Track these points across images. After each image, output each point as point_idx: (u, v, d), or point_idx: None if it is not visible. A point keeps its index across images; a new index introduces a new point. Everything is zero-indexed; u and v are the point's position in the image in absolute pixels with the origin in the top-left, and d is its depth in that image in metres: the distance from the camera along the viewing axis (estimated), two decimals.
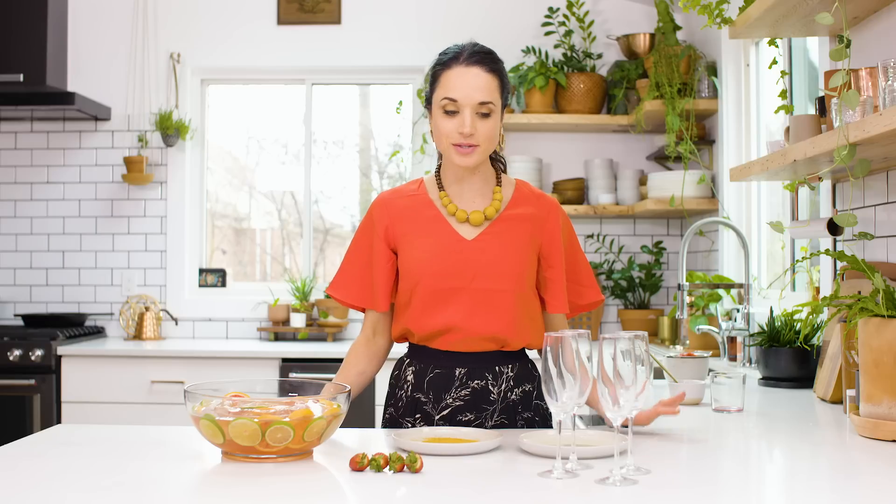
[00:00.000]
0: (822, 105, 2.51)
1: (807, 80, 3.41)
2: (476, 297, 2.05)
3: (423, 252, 2.07)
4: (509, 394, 2.10)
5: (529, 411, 2.12)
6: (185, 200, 4.76)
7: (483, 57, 2.02)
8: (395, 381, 2.19)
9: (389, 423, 2.17)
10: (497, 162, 2.17)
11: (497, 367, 2.10)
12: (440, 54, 2.07)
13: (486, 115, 2.01)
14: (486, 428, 2.07)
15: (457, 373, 2.09)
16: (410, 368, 2.14)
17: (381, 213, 2.14)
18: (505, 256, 2.06)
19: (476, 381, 2.08)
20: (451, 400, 2.08)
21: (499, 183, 2.14)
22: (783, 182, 2.97)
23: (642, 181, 4.48)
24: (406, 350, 2.20)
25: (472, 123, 1.99)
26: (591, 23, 4.60)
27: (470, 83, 1.99)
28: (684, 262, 3.43)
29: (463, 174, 2.10)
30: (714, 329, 3.48)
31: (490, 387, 2.08)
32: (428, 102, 2.09)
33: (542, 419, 2.13)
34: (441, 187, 2.13)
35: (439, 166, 2.16)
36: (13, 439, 1.98)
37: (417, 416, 2.11)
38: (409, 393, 2.13)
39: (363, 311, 2.20)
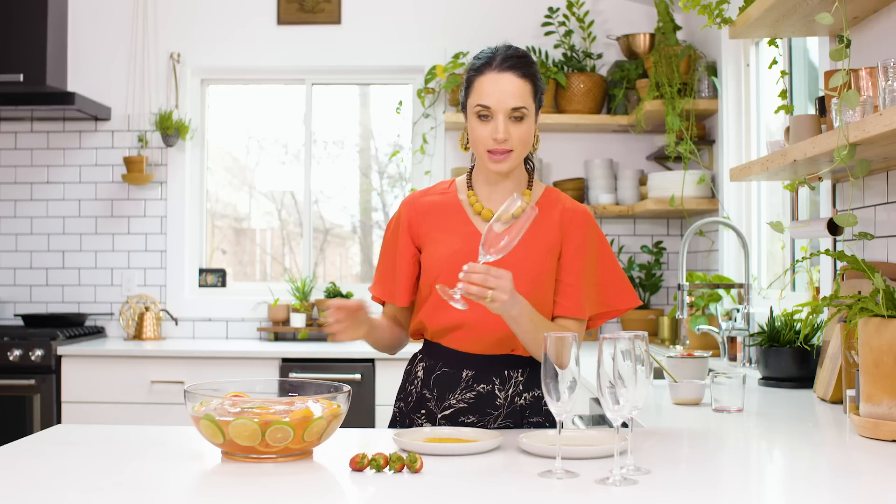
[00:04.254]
0: (822, 105, 2.51)
1: (807, 80, 3.41)
2: None
3: (444, 248, 2.08)
4: (517, 398, 2.09)
5: (539, 416, 2.11)
6: (185, 200, 4.76)
7: (515, 62, 2.02)
8: (407, 375, 2.21)
9: (398, 417, 2.19)
10: (529, 163, 2.17)
11: (506, 372, 2.09)
12: (474, 59, 2.08)
13: (519, 119, 2.01)
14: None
15: (463, 374, 2.09)
16: (421, 364, 2.16)
17: (407, 210, 2.16)
18: (523, 260, 2.04)
19: (482, 386, 2.08)
20: (454, 401, 2.09)
21: (529, 186, 2.15)
22: (783, 182, 2.97)
23: (642, 181, 4.48)
24: (420, 346, 2.21)
25: (506, 129, 2.00)
26: (591, 23, 4.60)
27: (502, 89, 1.99)
28: (684, 262, 3.43)
29: (495, 178, 2.11)
30: (714, 329, 3.48)
31: (496, 391, 2.08)
32: (463, 107, 2.10)
33: (553, 426, 2.09)
34: (471, 186, 2.15)
35: (472, 167, 2.18)
36: (13, 439, 1.98)
37: (422, 412, 2.12)
38: (418, 388, 2.15)
39: (384, 304, 2.22)
